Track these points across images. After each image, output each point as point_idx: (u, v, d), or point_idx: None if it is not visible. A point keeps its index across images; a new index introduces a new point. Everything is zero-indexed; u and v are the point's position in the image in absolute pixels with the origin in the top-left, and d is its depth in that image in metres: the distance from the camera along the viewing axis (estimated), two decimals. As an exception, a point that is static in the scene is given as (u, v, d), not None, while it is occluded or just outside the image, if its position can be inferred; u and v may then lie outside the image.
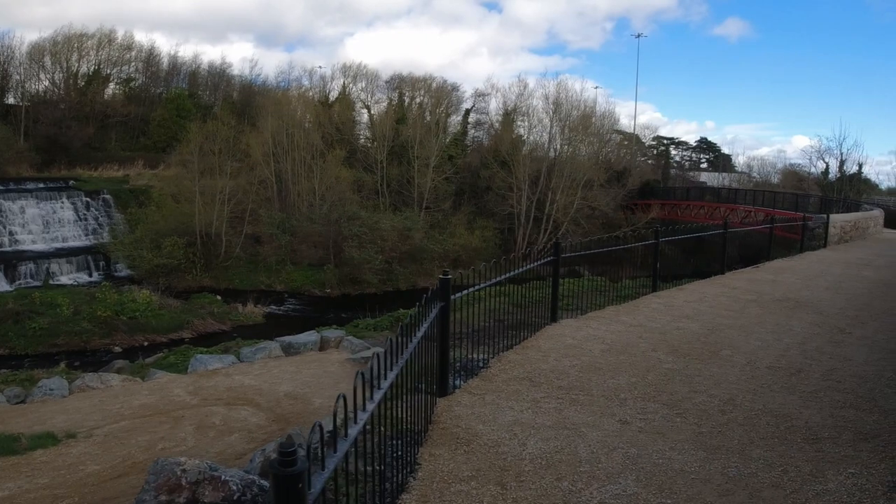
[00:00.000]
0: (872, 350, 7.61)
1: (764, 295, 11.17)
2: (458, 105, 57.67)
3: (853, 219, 25.86)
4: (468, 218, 49.04)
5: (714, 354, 7.17)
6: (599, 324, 8.56)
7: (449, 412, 5.49)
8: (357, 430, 2.99)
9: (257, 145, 45.94)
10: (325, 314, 35.34)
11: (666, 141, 75.94)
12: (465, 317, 6.57)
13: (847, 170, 49.03)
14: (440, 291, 5.69)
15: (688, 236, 12.49)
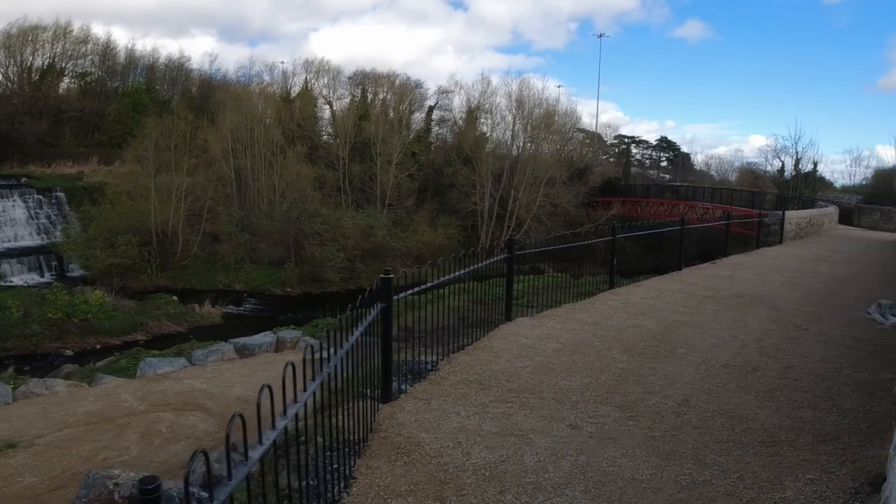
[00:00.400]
0: (829, 346, 7.51)
1: (720, 291, 11.09)
2: (422, 102, 57.34)
3: (808, 215, 26.25)
4: (431, 215, 48.74)
5: (669, 353, 6.98)
6: (555, 322, 8.33)
7: (391, 419, 5.17)
8: (260, 452, 2.65)
9: (216, 141, 44.94)
10: (285, 314, 34.72)
11: (627, 139, 76.81)
12: (419, 316, 6.28)
13: (802, 168, 49.99)
14: (381, 292, 5.37)
15: (644, 233, 12.36)
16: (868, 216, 35.95)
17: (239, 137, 45.64)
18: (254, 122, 46.35)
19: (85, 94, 54.67)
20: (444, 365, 6.47)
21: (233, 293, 40.18)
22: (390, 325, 5.47)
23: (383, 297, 5.38)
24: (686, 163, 77.52)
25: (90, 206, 42.45)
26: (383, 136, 48.71)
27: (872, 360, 6.94)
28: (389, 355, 5.52)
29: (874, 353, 7.30)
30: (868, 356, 7.14)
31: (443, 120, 58.62)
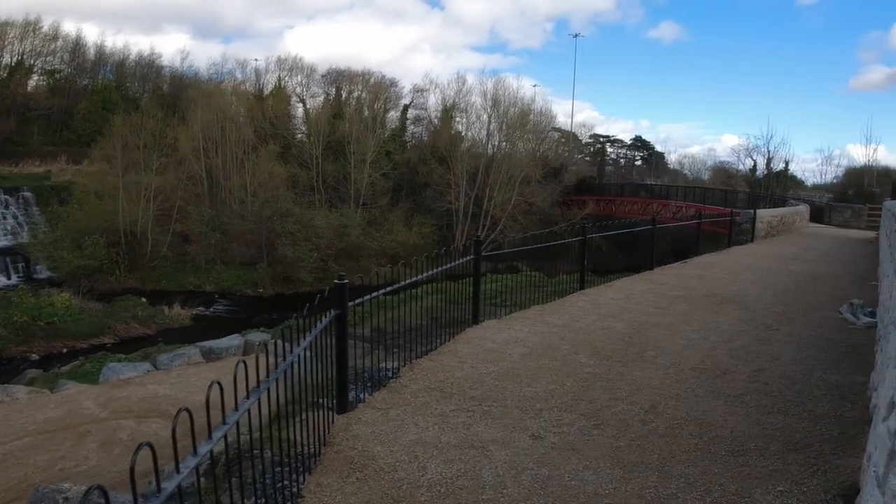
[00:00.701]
0: (800, 348, 7.39)
1: (691, 291, 10.97)
2: (397, 101, 57.01)
3: (780, 214, 26.40)
4: (406, 214, 48.44)
5: (638, 356, 6.80)
6: (523, 325, 8.11)
7: (347, 431, 4.91)
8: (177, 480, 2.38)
9: (186, 139, 44.21)
10: (257, 315, 34.21)
11: (602, 139, 77.22)
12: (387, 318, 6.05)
13: (774, 167, 50.54)
14: (335, 298, 5.11)
15: (615, 232, 12.22)
16: (839, 214, 36.36)
17: (210, 136, 44.95)
18: (225, 121, 45.64)
19: (54, 92, 53.54)
20: (406, 372, 6.21)
21: (203, 294, 39.61)
22: (345, 333, 5.21)
23: (337, 303, 5.12)
24: (660, 162, 78.17)
25: (58, 206, 41.53)
26: (357, 135, 48.30)
27: (844, 362, 6.82)
28: (345, 364, 5.25)
29: (846, 354, 7.19)
30: (840, 357, 7.02)
31: (418, 119, 58.34)
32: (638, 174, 73.49)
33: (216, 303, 38.88)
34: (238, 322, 29.81)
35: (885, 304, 5.99)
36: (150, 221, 40.64)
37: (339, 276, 5.23)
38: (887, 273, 6.86)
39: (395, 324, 6.24)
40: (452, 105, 53.88)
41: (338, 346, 5.17)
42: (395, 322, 6.25)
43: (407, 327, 6.49)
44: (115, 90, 53.82)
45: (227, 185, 45.03)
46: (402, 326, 6.31)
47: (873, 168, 48.56)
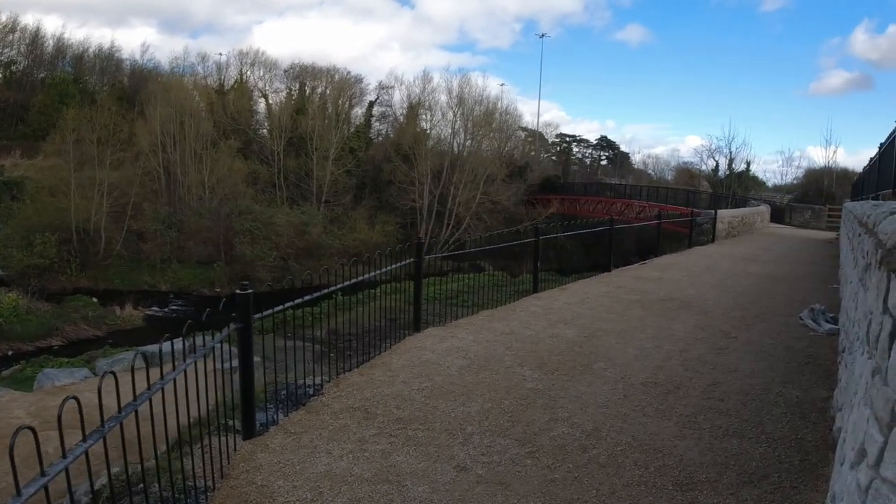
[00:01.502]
0: (758, 358, 6.96)
1: (648, 294, 10.54)
2: (362, 97, 56.12)
3: (740, 214, 26.35)
4: (369, 212, 47.67)
5: (586, 368, 6.28)
6: (467, 332, 7.54)
7: (249, 461, 4.29)
8: None
9: (144, 134, 42.82)
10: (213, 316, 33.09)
11: (568, 138, 77.45)
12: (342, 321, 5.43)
13: (736, 168, 50.88)
14: (238, 310, 4.49)
15: (570, 233, 11.73)
16: (799, 215, 36.65)
17: (168, 130, 43.59)
18: (185, 115, 44.28)
19: (9, 85, 51.70)
20: (331, 388, 5.60)
21: (158, 294, 38.47)
22: (250, 348, 4.58)
23: (241, 315, 4.49)
24: (625, 162, 78.67)
25: (9, 202, 39.88)
26: (320, 131, 47.36)
27: (805, 374, 6.39)
28: (251, 384, 4.62)
29: (807, 365, 6.77)
30: (800, 369, 6.60)
31: (384, 116, 57.59)
32: (603, 174, 73.78)
33: (171, 303, 37.77)
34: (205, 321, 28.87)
35: (849, 315, 5.57)
36: (104, 218, 39.27)
37: (242, 285, 4.61)
38: (850, 279, 6.45)
39: (351, 325, 5.66)
40: (418, 102, 53.21)
41: (242, 363, 4.56)
42: (352, 324, 5.67)
43: (350, 333, 5.90)
44: (72, 83, 51.99)
45: (185, 182, 43.74)
46: (342, 333, 5.70)
47: (832, 170, 49.17)
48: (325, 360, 6.11)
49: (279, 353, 6.08)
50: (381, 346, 6.81)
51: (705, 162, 52.61)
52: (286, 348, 6.00)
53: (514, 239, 10.21)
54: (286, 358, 5.70)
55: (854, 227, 7.38)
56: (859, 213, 6.92)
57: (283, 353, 6.18)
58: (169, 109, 43.53)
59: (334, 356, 6.17)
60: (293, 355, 5.51)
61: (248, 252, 38.95)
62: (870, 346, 3.11)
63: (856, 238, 6.66)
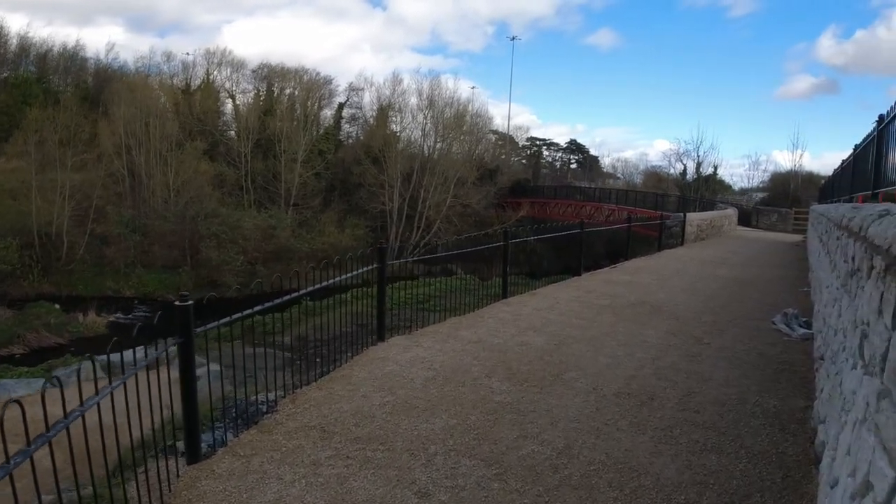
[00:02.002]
0: (732, 365, 6.75)
1: (618, 299, 10.33)
2: (332, 98, 55.41)
3: (709, 217, 26.47)
4: (339, 216, 47.10)
5: (556, 378, 5.99)
6: (434, 341, 7.21)
7: (193, 488, 3.91)
8: None
9: (108, 135, 41.71)
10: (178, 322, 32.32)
11: (538, 142, 77.55)
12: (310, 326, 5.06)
13: (703, 171, 51.38)
14: (178, 323, 4.12)
15: (540, 237, 11.48)
16: (766, 217, 37.05)
17: (133, 131, 42.52)
18: (150, 116, 43.23)
19: (-29, 86, 49.76)
20: (286, 404, 5.22)
21: (122, 300, 37.52)
22: (192, 365, 4.21)
23: (180, 329, 4.12)
24: (595, 165, 79.10)
25: (-29, 206, 38.62)
26: (289, 133, 46.67)
27: (781, 382, 6.20)
28: (194, 405, 4.24)
29: (782, 372, 6.58)
30: (776, 376, 6.40)
31: (353, 118, 56.96)
32: (573, 177, 74.08)
33: (135, 309, 36.80)
34: (158, 330, 28.25)
35: (827, 322, 5.37)
36: (66, 222, 38.16)
37: (181, 296, 4.24)
38: (827, 284, 6.28)
39: (319, 331, 5.31)
40: (388, 105, 52.80)
41: (184, 382, 4.18)
42: (317, 330, 5.33)
43: (314, 342, 5.55)
44: (35, 83, 50.39)
45: (149, 184, 42.70)
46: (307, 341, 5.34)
47: (798, 173, 49.93)
48: (286, 370, 5.76)
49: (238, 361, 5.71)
50: (344, 356, 6.46)
51: (673, 165, 53.14)
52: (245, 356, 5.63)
53: (484, 242, 9.88)
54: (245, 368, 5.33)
55: (831, 230, 7.23)
56: (836, 216, 6.77)
57: (248, 361, 5.83)
58: (133, 110, 42.49)
59: (292, 370, 5.81)
60: (254, 364, 5.16)
61: (215, 256, 38.17)
62: (866, 361, 2.86)
63: (833, 241, 6.49)
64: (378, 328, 7.10)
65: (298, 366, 6.24)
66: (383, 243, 6.90)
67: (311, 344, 9.98)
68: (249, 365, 5.22)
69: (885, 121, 6.41)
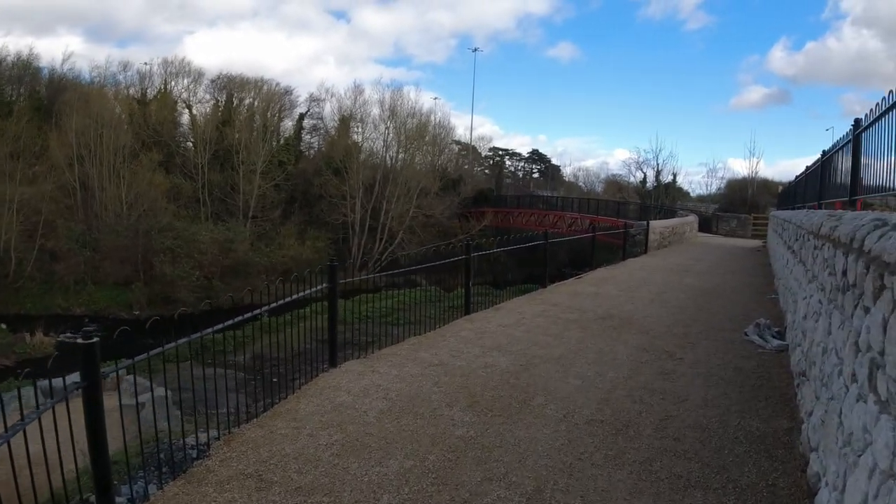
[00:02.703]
0: (709, 383, 6.36)
1: (586, 312, 9.93)
2: (292, 109, 54.48)
3: (671, 225, 26.46)
4: (299, 228, 46.14)
5: (524, 405, 5.51)
6: (390, 366, 6.67)
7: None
8: None
9: (59, 146, 40.19)
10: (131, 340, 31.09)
11: (501, 152, 77.72)
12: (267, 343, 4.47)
13: (663, 179, 51.90)
14: (81, 363, 3.54)
15: (504, 249, 11.04)
16: (726, 223, 37.39)
17: (86, 142, 41.04)
18: (103, 127, 41.77)
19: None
20: (220, 447, 4.61)
21: (72, 318, 35.92)
22: (100, 413, 3.61)
23: (84, 370, 3.53)
24: (556, 174, 79.50)
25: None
26: (247, 144, 45.64)
27: (761, 400, 5.82)
28: (104, 458, 3.64)
29: (760, 388, 6.21)
30: (755, 393, 6.03)
31: (315, 128, 56.12)
32: (535, 186, 74.27)
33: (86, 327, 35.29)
34: (108, 349, 27.18)
35: (811, 339, 5.00)
36: (14, 237, 36.53)
37: (84, 332, 3.65)
38: (805, 294, 5.93)
39: (275, 349, 4.75)
40: (350, 115, 52.11)
41: (92, 432, 3.58)
42: (277, 347, 4.75)
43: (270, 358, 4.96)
44: (-15, 95, 48.47)
45: (102, 197, 41.21)
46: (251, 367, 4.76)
47: (754, 180, 50.74)
48: (229, 404, 5.18)
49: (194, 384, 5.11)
50: (292, 385, 5.89)
51: (634, 174, 53.57)
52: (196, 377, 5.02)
53: (446, 256, 9.39)
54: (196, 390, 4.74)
55: (803, 238, 6.92)
56: (811, 224, 6.45)
57: (200, 383, 5.25)
58: (87, 120, 41.04)
59: (237, 402, 5.22)
60: (204, 387, 4.58)
61: (169, 271, 36.94)
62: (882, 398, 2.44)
63: (809, 250, 6.18)
64: (330, 354, 6.53)
65: (252, 388, 5.67)
66: (334, 260, 6.35)
67: (267, 362, 9.38)
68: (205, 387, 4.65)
69: (861, 126, 6.09)
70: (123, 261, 38.73)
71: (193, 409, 6.58)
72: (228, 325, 4.90)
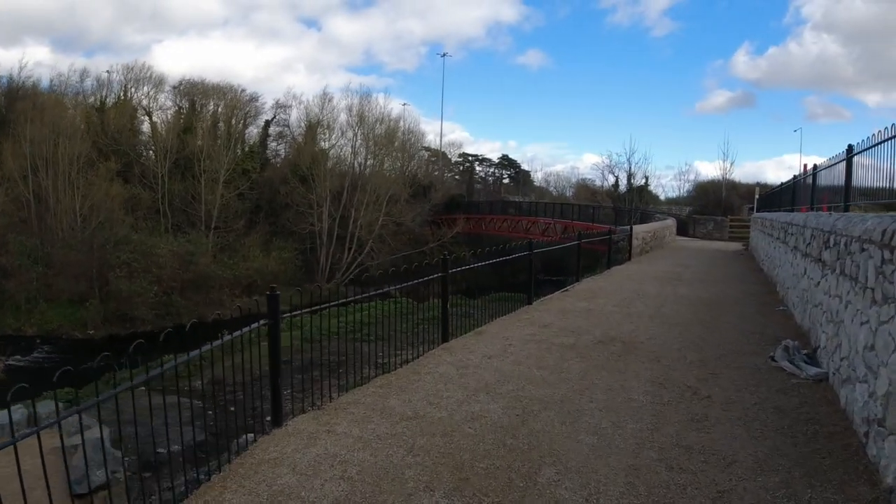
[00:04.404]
0: (753, 432, 5.06)
1: (582, 335, 8.60)
2: (258, 116, 52.69)
3: (652, 229, 25.46)
4: (265, 238, 44.29)
5: (529, 483, 4.12)
6: (352, 422, 5.22)
7: None
8: None
9: (13, 157, 37.96)
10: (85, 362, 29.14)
11: (471, 157, 76.94)
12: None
13: (635, 182, 51.15)
14: None
15: (487, 263, 9.65)
16: (702, 226, 36.69)
17: (41, 153, 38.82)
18: (59, 136, 39.55)
19: None
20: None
21: (23, 339, 33.86)
22: None
23: None
24: (527, 179, 79.06)
25: None
26: (210, 152, 43.69)
27: (824, 456, 4.53)
28: None
29: (816, 437, 4.94)
30: (812, 445, 4.75)
31: (281, 135, 54.33)
32: (506, 191, 73.52)
33: (37, 349, 33.34)
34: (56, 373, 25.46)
35: (875, 370, 3.72)
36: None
37: None
38: (867, 320, 4.65)
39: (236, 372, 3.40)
40: (317, 122, 50.43)
41: None
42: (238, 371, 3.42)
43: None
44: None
45: (57, 209, 38.96)
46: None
47: (728, 182, 50.25)
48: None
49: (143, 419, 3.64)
50: (220, 457, 4.45)
51: (606, 178, 52.86)
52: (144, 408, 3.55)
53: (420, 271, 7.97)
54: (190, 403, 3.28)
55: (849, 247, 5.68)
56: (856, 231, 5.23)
57: (146, 416, 3.79)
58: (43, 129, 38.85)
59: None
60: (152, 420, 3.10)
61: (125, 287, 34.83)
62: None
63: (863, 263, 4.95)
64: (273, 410, 5.07)
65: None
66: (275, 289, 4.91)
67: (226, 388, 8.17)
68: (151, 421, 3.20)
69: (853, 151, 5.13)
70: (77, 276, 36.56)
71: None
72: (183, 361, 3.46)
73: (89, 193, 38.95)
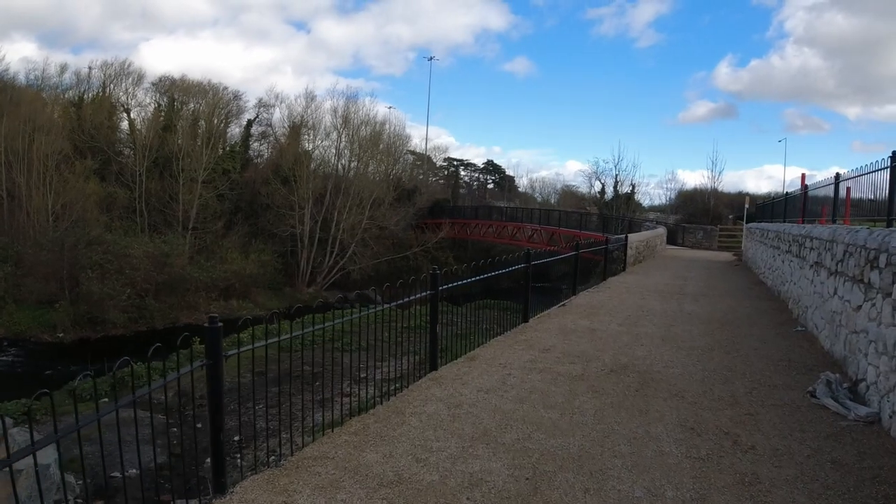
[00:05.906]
0: (814, 499, 4.05)
1: (590, 361, 7.56)
2: (240, 115, 51.26)
3: (645, 238, 24.64)
4: (244, 240, 42.88)
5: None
6: (315, 490, 4.06)
7: None
8: None
9: (-16, 153, 36.48)
10: (54, 367, 27.82)
11: (456, 162, 76.29)
12: None
13: (621, 190, 50.44)
14: None
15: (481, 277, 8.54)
16: (692, 235, 35.95)
17: (14, 148, 37.21)
18: (35, 131, 37.95)
19: None
20: None
21: (-10, 342, 32.25)
22: None
23: None
24: (511, 185, 78.54)
25: None
26: (189, 150, 42.26)
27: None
28: None
29: (887, 498, 3.94)
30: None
31: (263, 135, 52.95)
32: (491, 197, 72.81)
33: (4, 352, 31.82)
34: (26, 378, 24.83)
35: None
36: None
37: None
38: None
39: None
40: (301, 122, 49.15)
41: None
42: None
43: None
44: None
45: (28, 207, 37.35)
46: None
47: (715, 191, 49.71)
48: None
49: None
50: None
51: (592, 184, 52.25)
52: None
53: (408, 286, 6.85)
54: None
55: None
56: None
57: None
58: (17, 124, 37.25)
59: None
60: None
61: (97, 289, 33.30)
62: None
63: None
64: (214, 473, 3.94)
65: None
66: (216, 319, 3.81)
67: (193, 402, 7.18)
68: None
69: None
70: (48, 277, 34.99)
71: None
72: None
73: (63, 191, 37.45)
